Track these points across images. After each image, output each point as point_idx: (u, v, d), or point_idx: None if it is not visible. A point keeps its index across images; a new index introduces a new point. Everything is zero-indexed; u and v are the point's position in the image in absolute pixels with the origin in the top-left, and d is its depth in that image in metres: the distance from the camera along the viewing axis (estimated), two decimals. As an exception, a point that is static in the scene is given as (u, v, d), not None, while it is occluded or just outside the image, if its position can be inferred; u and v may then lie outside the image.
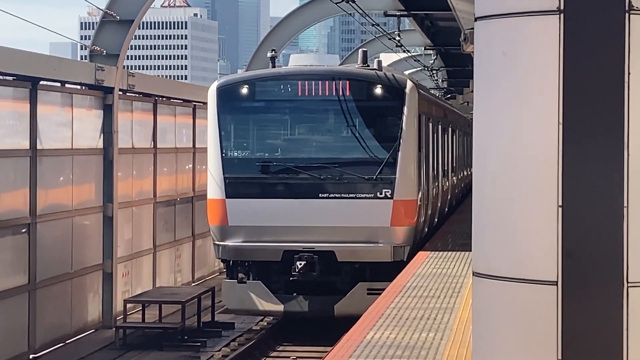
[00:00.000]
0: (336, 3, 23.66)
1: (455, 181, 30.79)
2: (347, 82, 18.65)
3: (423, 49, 43.45)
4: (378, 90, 18.61)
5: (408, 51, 40.99)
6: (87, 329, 20.44)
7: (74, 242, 19.91)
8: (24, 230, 17.99)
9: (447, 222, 26.55)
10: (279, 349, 19.01)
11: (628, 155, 5.49)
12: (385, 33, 34.23)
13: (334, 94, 18.63)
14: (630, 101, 5.47)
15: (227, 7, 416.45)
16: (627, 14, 5.45)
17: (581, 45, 5.53)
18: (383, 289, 15.74)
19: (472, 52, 11.28)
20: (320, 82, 18.64)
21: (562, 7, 5.49)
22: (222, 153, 18.67)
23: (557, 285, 5.58)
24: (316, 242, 18.16)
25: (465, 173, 36.20)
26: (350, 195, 18.33)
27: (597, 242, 5.60)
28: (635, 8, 5.45)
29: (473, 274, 6.01)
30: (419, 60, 43.60)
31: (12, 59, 17.71)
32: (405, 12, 27.55)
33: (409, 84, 18.88)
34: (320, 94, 18.64)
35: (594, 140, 5.54)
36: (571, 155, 5.58)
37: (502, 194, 5.88)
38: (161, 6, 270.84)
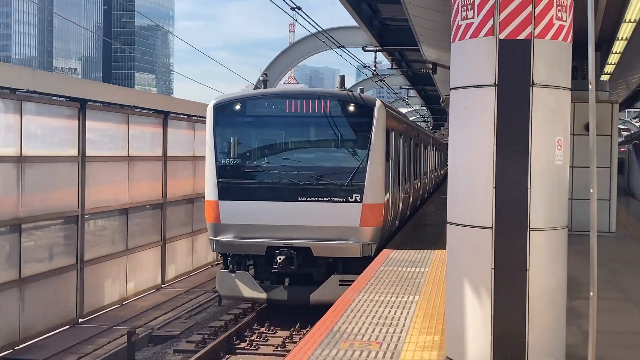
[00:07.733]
0: (330, 48, 23.63)
1: (424, 183, 29.49)
2: (325, 101, 17.57)
3: (421, 105, 46.70)
4: (351, 107, 17.55)
5: (397, 93, 41.91)
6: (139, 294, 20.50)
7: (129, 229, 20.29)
8: (72, 222, 17.81)
9: (414, 217, 25.83)
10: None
11: (530, 161, 6.78)
12: (375, 74, 34.09)
13: (313, 111, 17.58)
14: (532, 134, 6.74)
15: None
16: (531, 87, 6.67)
17: (507, 104, 6.71)
18: (353, 280, 14.93)
19: (447, 108, 12.94)
20: (302, 101, 17.62)
21: (496, 82, 6.69)
22: (216, 161, 17.78)
23: (492, 229, 6.84)
24: (295, 239, 17.26)
25: (433, 175, 35.25)
26: (325, 199, 17.31)
27: (514, 205, 6.78)
28: (536, 84, 6.66)
29: (447, 223, 7.13)
30: (410, 105, 46.83)
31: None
32: (380, 48, 27.00)
33: (378, 103, 17.79)
34: (301, 111, 17.62)
35: (512, 152, 6.75)
36: (500, 160, 6.79)
37: (464, 180, 7.01)
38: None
